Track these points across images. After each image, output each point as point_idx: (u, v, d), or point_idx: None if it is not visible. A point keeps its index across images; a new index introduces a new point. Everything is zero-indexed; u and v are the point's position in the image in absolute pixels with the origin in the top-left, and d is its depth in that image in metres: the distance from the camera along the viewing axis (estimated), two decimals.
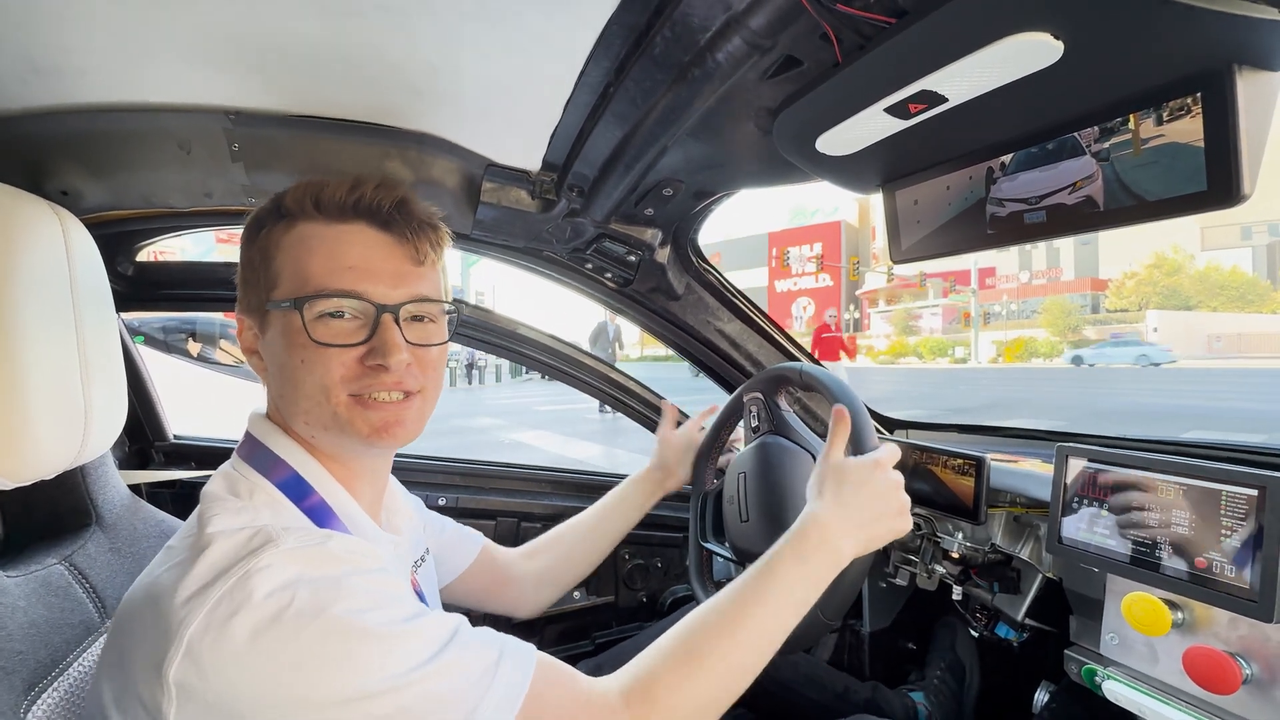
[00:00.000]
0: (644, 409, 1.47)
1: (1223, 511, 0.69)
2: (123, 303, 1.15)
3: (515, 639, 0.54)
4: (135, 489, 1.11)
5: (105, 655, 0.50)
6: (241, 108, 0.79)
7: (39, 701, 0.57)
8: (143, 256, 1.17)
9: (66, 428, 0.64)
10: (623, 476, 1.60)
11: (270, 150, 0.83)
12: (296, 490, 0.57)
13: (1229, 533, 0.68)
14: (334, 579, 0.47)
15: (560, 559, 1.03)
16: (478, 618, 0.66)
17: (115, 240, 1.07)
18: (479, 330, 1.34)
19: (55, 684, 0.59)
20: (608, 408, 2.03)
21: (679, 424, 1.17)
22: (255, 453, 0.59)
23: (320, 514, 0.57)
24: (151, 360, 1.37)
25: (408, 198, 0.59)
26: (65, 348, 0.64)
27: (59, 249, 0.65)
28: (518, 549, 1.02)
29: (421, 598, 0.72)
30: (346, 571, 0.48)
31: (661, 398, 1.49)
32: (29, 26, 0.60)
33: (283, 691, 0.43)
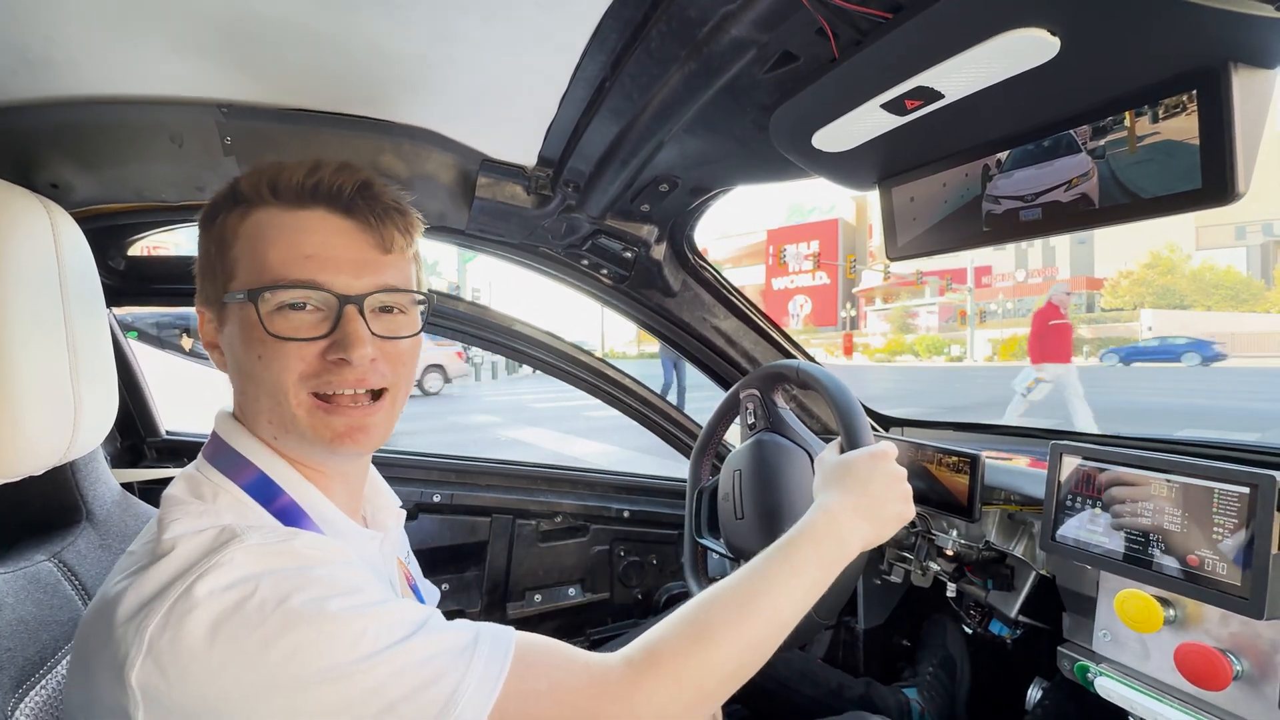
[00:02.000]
0: (639, 405, 1.47)
1: (1215, 509, 0.69)
2: (114, 297, 1.14)
3: (492, 624, 0.51)
4: (127, 485, 1.10)
5: (71, 666, 0.49)
6: (234, 100, 0.78)
7: (27, 699, 0.56)
8: (135, 251, 1.16)
9: (55, 423, 0.63)
10: (620, 474, 1.61)
11: (263, 143, 0.82)
12: (264, 492, 0.54)
13: (1221, 530, 0.69)
14: (298, 569, 0.45)
15: None
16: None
17: (106, 234, 1.06)
18: (475, 326, 1.34)
19: (43, 681, 0.58)
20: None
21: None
22: (220, 453, 0.56)
23: (290, 516, 0.54)
24: (148, 356, 1.36)
25: (371, 180, 0.56)
26: (54, 342, 0.63)
27: (48, 243, 0.64)
28: None
29: (414, 588, 0.72)
30: (311, 564, 0.46)
31: (658, 394, 1.49)
32: (18, 17, 0.60)
33: (249, 680, 0.41)
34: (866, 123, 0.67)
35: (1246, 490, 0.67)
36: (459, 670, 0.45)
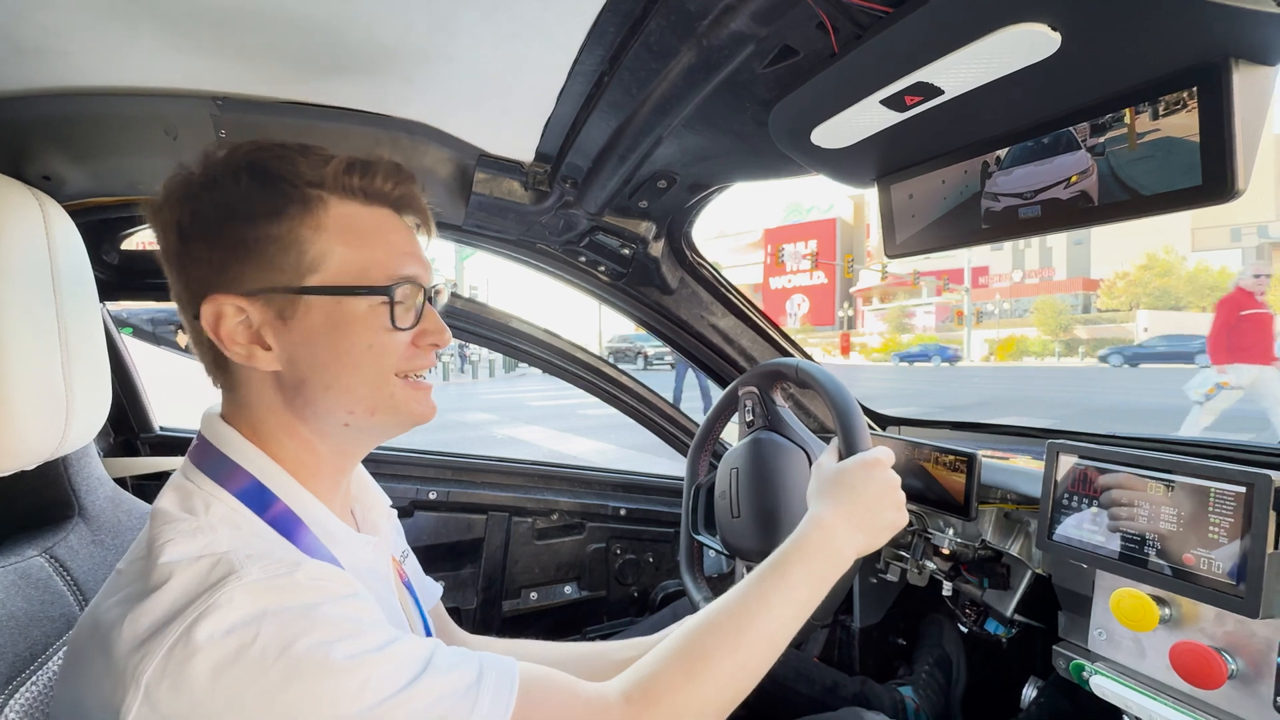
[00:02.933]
0: (636, 403, 1.46)
1: (1211, 509, 0.69)
2: (108, 292, 1.13)
3: (494, 655, 0.51)
4: (120, 480, 1.10)
5: (60, 687, 0.47)
6: (229, 93, 0.78)
7: (17, 695, 0.56)
8: (130, 245, 1.15)
9: (47, 417, 0.63)
10: (616, 472, 1.61)
11: (258, 136, 0.82)
12: (258, 500, 0.53)
13: (1217, 530, 0.69)
14: (302, 609, 0.44)
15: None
16: None
17: (100, 228, 1.05)
18: (473, 324, 1.33)
19: (34, 677, 0.58)
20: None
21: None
22: (208, 458, 0.54)
23: (286, 524, 0.53)
24: (142, 352, 1.36)
25: (414, 179, 0.61)
26: (46, 337, 0.63)
27: (40, 236, 0.63)
28: (476, 638, 0.92)
29: (409, 587, 0.71)
30: (315, 601, 0.45)
31: (659, 395, 1.49)
32: (10, 6, 0.59)
33: None
34: (866, 119, 0.67)
35: (1242, 490, 0.67)
36: (464, 711, 0.45)
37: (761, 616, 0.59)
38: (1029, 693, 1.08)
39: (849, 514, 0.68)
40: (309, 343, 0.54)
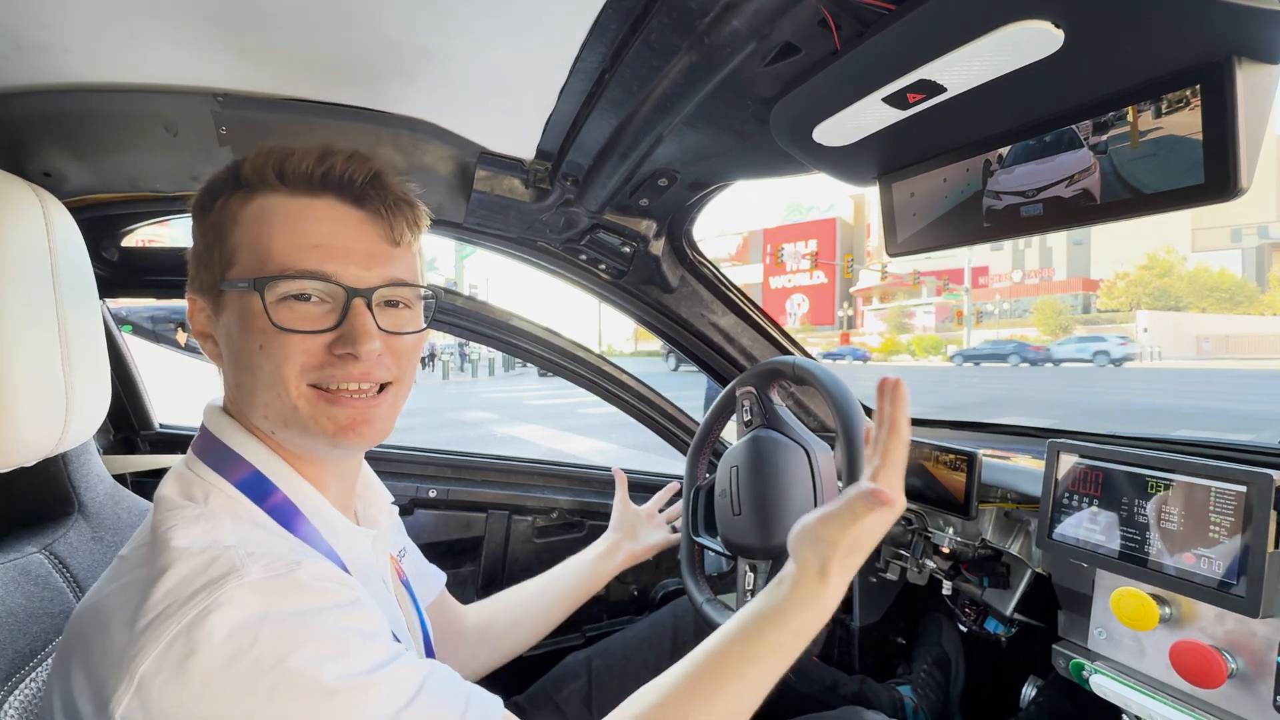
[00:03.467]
0: (637, 402, 1.46)
1: (1211, 508, 0.69)
2: (108, 289, 1.13)
3: (480, 690, 0.50)
4: (120, 477, 1.10)
5: (55, 668, 0.47)
6: (230, 90, 0.77)
7: (16, 691, 0.56)
8: (130, 241, 1.15)
9: (47, 414, 0.62)
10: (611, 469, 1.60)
11: (259, 133, 0.82)
12: (257, 490, 0.52)
13: (1217, 529, 0.69)
14: (301, 616, 0.43)
15: (508, 624, 0.96)
16: None
17: (100, 224, 1.05)
18: (473, 322, 1.33)
19: (34, 674, 0.58)
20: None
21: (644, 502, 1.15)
22: (211, 449, 0.54)
23: (285, 514, 0.53)
24: (143, 350, 1.36)
25: (382, 171, 0.55)
26: (46, 333, 0.63)
27: (40, 232, 0.63)
28: (471, 605, 0.94)
29: (406, 585, 0.71)
30: (315, 607, 0.44)
31: (655, 390, 1.49)
32: (11, 2, 0.59)
33: None
34: (868, 116, 0.67)
35: (1243, 489, 0.67)
36: None
37: (736, 675, 0.56)
38: (1028, 692, 1.08)
39: (829, 557, 0.59)
40: (228, 341, 0.54)
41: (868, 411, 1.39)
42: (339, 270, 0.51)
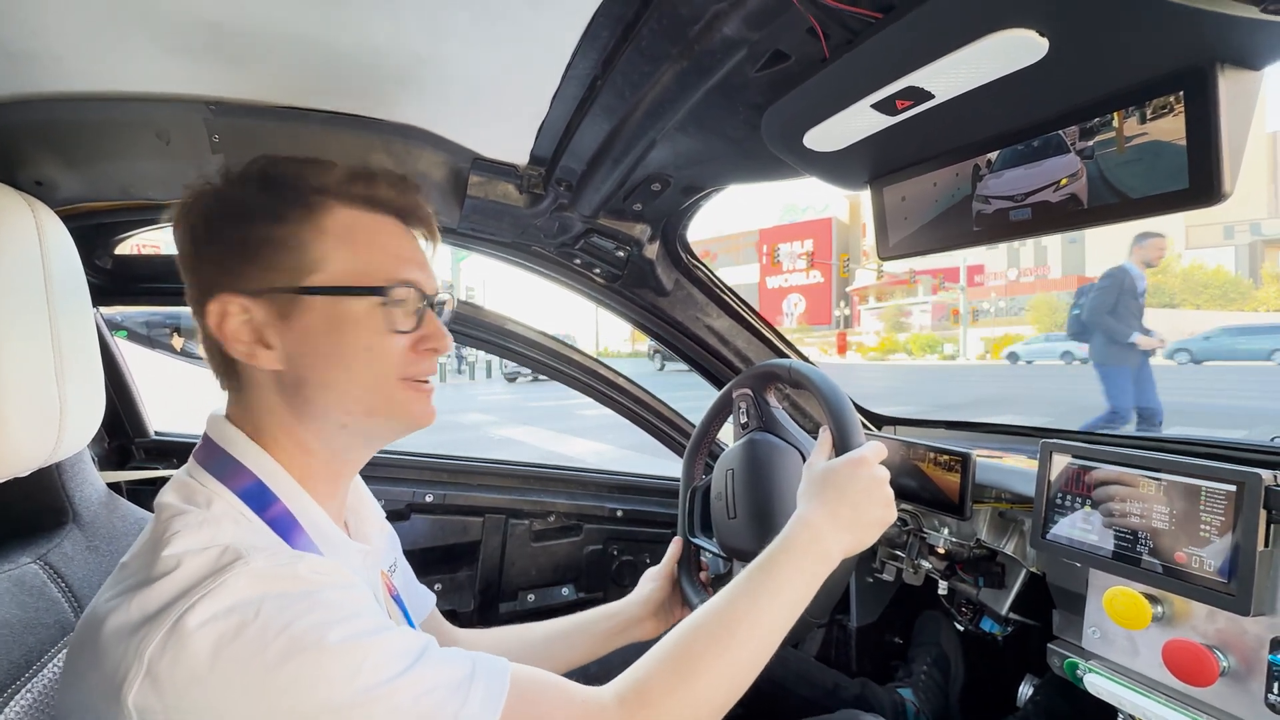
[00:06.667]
0: (631, 404, 1.47)
1: (1202, 507, 0.70)
2: (101, 297, 1.13)
3: (487, 655, 0.51)
4: (114, 486, 1.09)
5: (64, 677, 0.48)
6: (222, 98, 0.77)
7: (12, 703, 0.56)
8: (124, 249, 1.15)
9: (40, 424, 0.62)
10: (613, 473, 1.61)
11: (251, 141, 0.82)
12: (259, 499, 0.54)
13: (1208, 528, 0.69)
14: (303, 593, 0.45)
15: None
16: None
17: (92, 233, 1.05)
18: (469, 326, 1.33)
19: (29, 685, 0.58)
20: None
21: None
22: (213, 457, 0.55)
23: (284, 526, 0.54)
24: (138, 356, 1.35)
25: (420, 192, 0.63)
26: (38, 342, 0.63)
27: (32, 241, 0.63)
28: (466, 631, 0.90)
29: (398, 600, 0.71)
30: (316, 587, 0.46)
31: (655, 396, 1.49)
32: (1, 11, 0.59)
33: (247, 708, 0.41)
34: (857, 122, 0.67)
35: (1233, 488, 0.68)
36: (456, 704, 0.45)
37: (750, 617, 0.60)
38: (1025, 690, 1.09)
39: (835, 513, 0.69)
40: (308, 342, 0.55)
41: (862, 413, 1.40)
42: (421, 279, 0.59)
